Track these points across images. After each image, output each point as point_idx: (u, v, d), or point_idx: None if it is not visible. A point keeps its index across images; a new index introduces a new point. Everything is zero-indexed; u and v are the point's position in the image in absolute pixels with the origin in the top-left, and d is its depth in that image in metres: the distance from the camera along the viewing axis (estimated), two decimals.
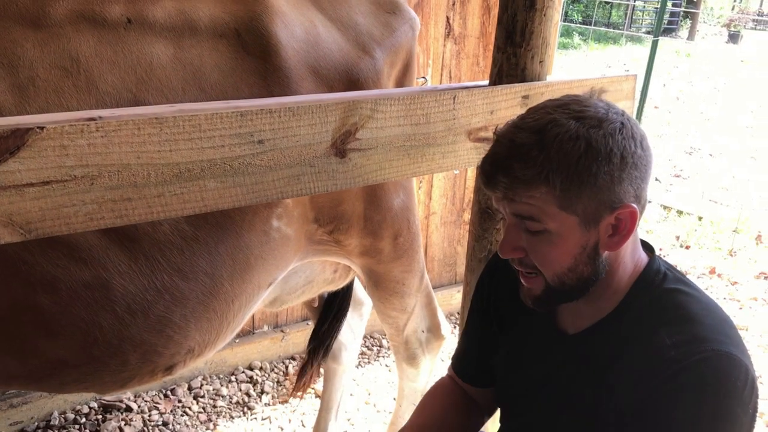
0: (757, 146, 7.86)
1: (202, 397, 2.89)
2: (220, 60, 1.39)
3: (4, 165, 0.88)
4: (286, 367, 3.13)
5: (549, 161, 0.97)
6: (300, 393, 2.77)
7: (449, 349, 2.81)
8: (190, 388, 2.93)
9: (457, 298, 3.44)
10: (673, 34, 19.31)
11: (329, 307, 2.26)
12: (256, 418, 2.81)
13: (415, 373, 2.15)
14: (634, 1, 19.53)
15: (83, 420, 2.69)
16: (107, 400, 2.77)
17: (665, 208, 5.47)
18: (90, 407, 2.75)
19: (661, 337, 1.00)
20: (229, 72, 1.39)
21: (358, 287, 2.39)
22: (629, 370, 1.02)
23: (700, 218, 5.26)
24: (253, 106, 1.08)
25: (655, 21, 8.96)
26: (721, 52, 16.21)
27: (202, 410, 2.82)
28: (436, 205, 3.43)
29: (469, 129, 1.36)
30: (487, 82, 1.47)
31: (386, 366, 3.22)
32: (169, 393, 2.88)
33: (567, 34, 15.93)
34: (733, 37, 18.29)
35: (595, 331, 1.11)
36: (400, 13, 1.72)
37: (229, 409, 2.85)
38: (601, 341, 1.09)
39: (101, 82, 1.26)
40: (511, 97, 1.40)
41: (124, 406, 2.76)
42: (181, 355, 1.48)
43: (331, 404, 2.48)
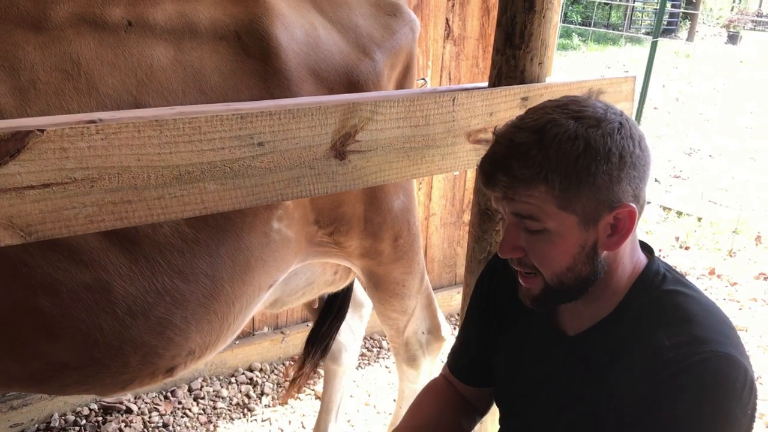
0: (757, 147, 7.87)
1: (202, 398, 2.89)
2: (221, 62, 1.39)
3: (4, 168, 0.88)
4: (287, 369, 3.13)
5: (548, 160, 0.97)
6: (295, 392, 2.76)
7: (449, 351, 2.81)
8: (191, 390, 2.93)
9: (457, 300, 3.44)
10: (673, 35, 19.32)
11: (329, 308, 2.26)
12: (256, 420, 2.81)
13: (416, 375, 2.15)
14: (634, 2, 19.55)
15: (83, 422, 2.69)
16: (107, 402, 2.77)
17: (665, 209, 5.47)
18: (90, 409, 2.75)
19: (660, 338, 1.00)
20: (230, 74, 1.39)
21: (359, 289, 2.39)
22: (629, 371, 1.03)
23: (700, 219, 5.27)
24: (253, 109, 1.09)
25: (655, 22, 8.96)
26: (721, 53, 16.22)
27: (202, 412, 2.82)
28: (436, 207, 3.43)
29: (469, 131, 1.36)
30: (486, 84, 1.47)
31: (386, 367, 3.22)
32: (169, 394, 2.88)
33: (566, 35, 15.94)
34: (733, 38, 18.31)
35: (594, 332, 1.11)
36: (400, 15, 1.73)
37: (229, 411, 2.85)
38: (600, 342, 1.09)
39: (102, 85, 1.27)
40: (511, 99, 1.40)
41: (125, 408, 2.76)
42: (181, 357, 1.48)
43: (331, 406, 2.48)
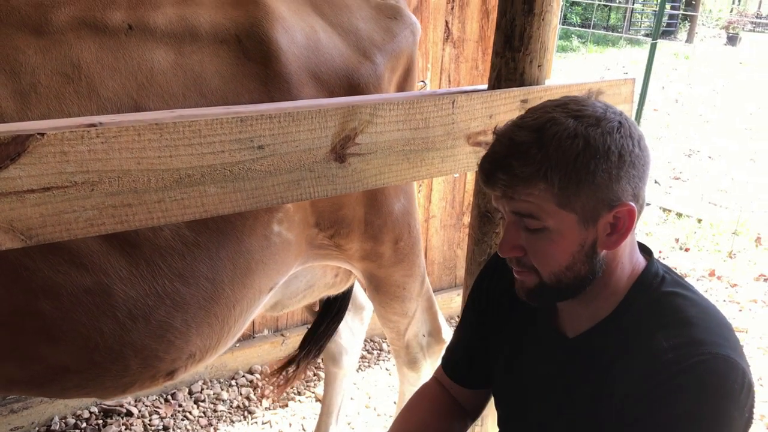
0: (756, 148, 7.87)
1: (203, 401, 2.89)
2: (221, 66, 1.39)
3: (4, 171, 0.88)
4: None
5: (547, 159, 0.98)
6: (285, 389, 2.71)
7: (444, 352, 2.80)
8: (191, 393, 2.93)
9: (457, 302, 3.44)
10: (672, 36, 19.34)
11: (328, 309, 2.26)
12: (256, 422, 2.81)
13: (416, 377, 2.15)
14: (633, 4, 19.58)
15: (84, 425, 2.69)
16: (108, 405, 2.77)
17: (665, 210, 5.47)
18: (91, 412, 2.75)
19: (659, 340, 1.00)
20: (230, 78, 1.40)
21: (359, 291, 2.38)
22: (628, 372, 1.03)
23: (700, 220, 5.27)
24: (253, 112, 1.09)
25: (654, 24, 8.97)
26: (720, 55, 16.23)
27: (203, 414, 2.82)
28: (436, 209, 3.43)
29: (468, 133, 1.36)
30: (486, 86, 1.48)
31: (387, 370, 3.22)
32: (169, 397, 2.88)
33: (566, 36, 15.96)
34: (732, 40, 18.32)
35: (594, 333, 1.11)
36: (401, 18, 1.73)
37: (230, 414, 2.85)
38: (600, 344, 1.09)
39: (102, 88, 1.27)
40: (510, 101, 1.40)
41: (125, 411, 2.76)
42: (182, 360, 1.48)
43: (332, 408, 2.48)
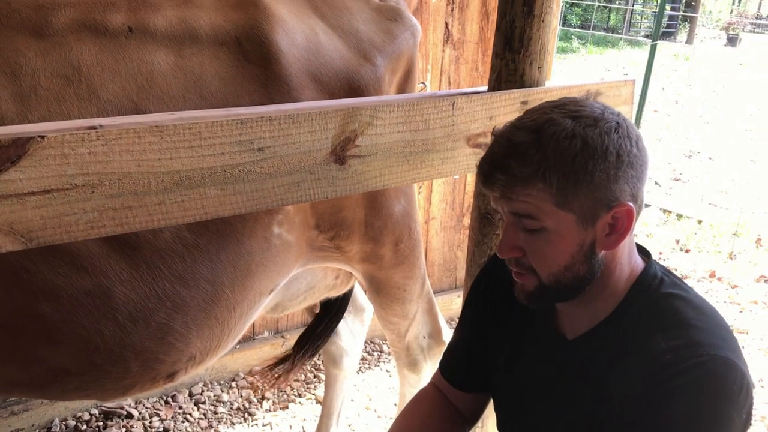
0: (756, 149, 7.87)
1: (203, 403, 2.88)
2: (221, 68, 1.39)
3: (5, 174, 0.88)
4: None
5: (546, 159, 0.98)
6: (276, 385, 2.67)
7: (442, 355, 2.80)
8: (191, 395, 2.93)
9: (458, 303, 3.44)
10: (672, 37, 19.34)
11: (327, 310, 2.26)
12: (257, 424, 2.81)
13: (417, 379, 2.15)
14: (633, 5, 19.59)
15: (84, 427, 2.69)
16: (108, 407, 2.77)
17: (665, 211, 5.47)
18: (91, 414, 2.75)
19: (658, 341, 1.00)
20: (230, 80, 1.40)
21: (360, 293, 2.38)
22: (627, 373, 1.03)
23: (700, 222, 5.26)
24: (253, 114, 1.09)
25: (654, 25, 8.98)
26: (720, 56, 16.23)
27: (203, 416, 2.82)
28: (436, 210, 3.43)
29: (468, 135, 1.36)
30: (485, 88, 1.48)
31: (387, 371, 3.22)
32: (170, 399, 2.87)
33: (566, 38, 15.96)
34: (732, 41, 18.34)
35: (593, 334, 1.11)
36: (401, 20, 1.73)
37: (230, 416, 2.84)
38: (599, 345, 1.09)
39: (102, 91, 1.27)
40: (510, 102, 1.41)
41: (125, 413, 2.76)
42: (182, 363, 1.48)
43: (332, 410, 2.48)
